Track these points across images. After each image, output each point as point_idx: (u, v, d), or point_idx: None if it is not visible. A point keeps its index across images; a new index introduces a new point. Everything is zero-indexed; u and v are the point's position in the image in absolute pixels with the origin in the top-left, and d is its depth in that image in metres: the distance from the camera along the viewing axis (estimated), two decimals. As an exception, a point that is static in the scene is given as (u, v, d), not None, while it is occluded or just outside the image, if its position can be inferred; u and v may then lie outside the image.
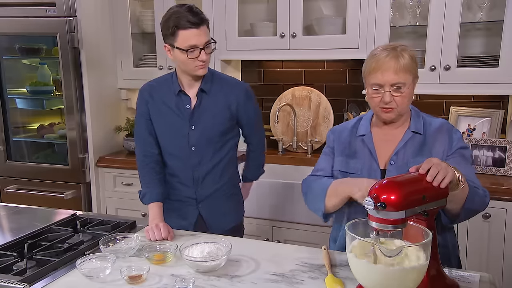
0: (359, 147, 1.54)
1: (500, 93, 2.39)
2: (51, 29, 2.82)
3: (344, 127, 1.64)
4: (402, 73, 1.39)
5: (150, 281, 1.34)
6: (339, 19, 2.66)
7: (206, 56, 1.70)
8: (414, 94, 1.50)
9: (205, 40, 1.68)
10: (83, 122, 2.95)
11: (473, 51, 2.57)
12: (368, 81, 1.46)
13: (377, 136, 1.54)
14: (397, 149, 1.49)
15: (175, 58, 1.72)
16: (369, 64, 1.45)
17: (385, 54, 1.41)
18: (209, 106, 1.80)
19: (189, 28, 1.64)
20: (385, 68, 1.40)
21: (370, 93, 1.46)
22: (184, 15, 1.64)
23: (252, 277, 1.36)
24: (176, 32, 1.65)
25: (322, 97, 2.93)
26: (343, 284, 1.29)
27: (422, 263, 1.10)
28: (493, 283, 1.28)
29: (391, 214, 1.11)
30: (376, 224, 1.13)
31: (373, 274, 1.11)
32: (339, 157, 1.57)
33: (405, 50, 1.43)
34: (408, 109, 1.51)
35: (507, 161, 2.34)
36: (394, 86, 1.41)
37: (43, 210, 2.04)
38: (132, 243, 1.54)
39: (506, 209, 2.16)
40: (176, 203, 1.91)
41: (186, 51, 1.66)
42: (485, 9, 2.43)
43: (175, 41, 1.67)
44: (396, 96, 1.42)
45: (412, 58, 1.44)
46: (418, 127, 1.50)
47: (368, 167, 1.50)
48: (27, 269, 1.38)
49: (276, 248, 1.60)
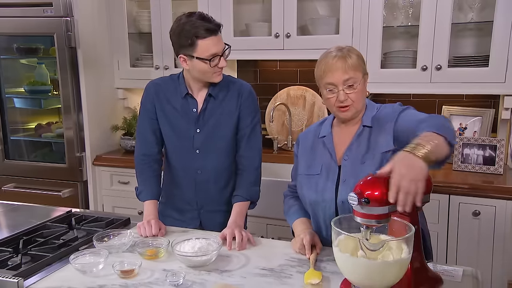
0: (320, 148, 1.60)
1: (490, 92, 2.43)
2: (48, 29, 2.85)
3: (309, 130, 1.71)
4: (351, 71, 1.46)
5: (142, 276, 1.37)
6: (332, 19, 2.69)
7: (225, 62, 1.70)
8: (368, 91, 1.57)
9: (223, 47, 1.69)
10: (80, 121, 2.98)
11: (465, 51, 2.60)
12: (322, 84, 1.52)
13: (336, 135, 1.59)
14: (350, 145, 1.53)
15: (193, 68, 1.70)
16: (319, 68, 1.52)
17: (333, 55, 1.49)
18: (215, 110, 1.80)
19: (208, 36, 1.63)
20: (335, 68, 1.47)
21: (325, 94, 1.52)
22: (199, 24, 1.63)
23: (241, 272, 1.39)
24: (196, 42, 1.63)
25: (316, 96, 2.96)
26: (321, 276, 1.32)
27: (404, 257, 1.14)
28: (475, 276, 1.32)
29: (374, 209, 1.15)
30: (361, 219, 1.17)
31: (357, 267, 1.15)
32: (302, 162, 1.65)
33: (351, 50, 1.51)
34: (363, 105, 1.56)
35: (497, 159, 2.37)
36: (346, 84, 1.47)
37: (39, 207, 2.07)
38: (125, 239, 1.57)
39: (495, 206, 2.19)
40: (176, 213, 1.90)
41: (208, 60, 1.65)
42: (476, 9, 2.46)
43: (194, 51, 1.65)
44: (350, 93, 1.48)
45: (359, 56, 1.51)
46: (368, 120, 1.54)
47: (327, 166, 1.55)
48: (21, 264, 1.41)
49: (267, 244, 1.63)
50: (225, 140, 1.82)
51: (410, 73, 2.50)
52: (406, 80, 2.50)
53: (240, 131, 1.83)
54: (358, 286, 1.20)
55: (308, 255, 1.45)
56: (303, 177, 1.62)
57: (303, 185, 1.61)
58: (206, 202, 1.87)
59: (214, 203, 1.87)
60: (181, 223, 1.85)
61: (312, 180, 1.57)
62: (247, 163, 1.84)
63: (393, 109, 1.53)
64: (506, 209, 2.17)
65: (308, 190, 1.57)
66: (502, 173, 2.37)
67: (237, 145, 1.85)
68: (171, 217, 1.88)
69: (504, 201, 2.17)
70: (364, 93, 1.54)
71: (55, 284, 1.32)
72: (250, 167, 1.84)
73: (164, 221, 1.77)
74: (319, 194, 1.53)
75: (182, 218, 1.89)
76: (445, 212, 2.28)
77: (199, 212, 1.88)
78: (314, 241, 1.50)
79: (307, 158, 1.63)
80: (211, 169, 1.83)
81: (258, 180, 1.87)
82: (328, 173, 1.54)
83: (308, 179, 1.59)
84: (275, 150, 3.00)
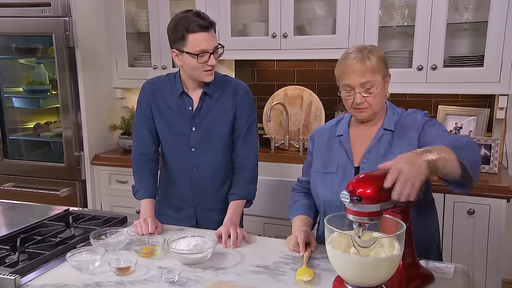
0: (336, 147, 1.60)
1: (485, 92, 2.45)
2: (46, 29, 2.86)
3: (324, 128, 1.70)
4: (369, 74, 1.44)
5: (138, 273, 1.38)
6: (329, 19, 2.71)
7: (215, 61, 1.70)
8: (388, 92, 1.54)
9: (214, 45, 1.69)
10: (78, 121, 2.99)
11: (461, 51, 2.62)
12: (340, 85, 1.52)
13: (354, 135, 1.59)
14: (369, 147, 1.53)
15: (183, 63, 1.72)
16: (338, 68, 1.51)
17: (352, 57, 1.47)
18: (211, 108, 1.81)
19: (199, 31, 1.65)
20: (352, 70, 1.46)
21: (343, 95, 1.52)
22: (193, 19, 1.65)
23: (236, 269, 1.41)
24: (186, 36, 1.65)
25: (313, 96, 2.98)
26: (313, 274, 1.34)
27: (396, 254, 1.15)
28: (467, 273, 1.33)
29: (366, 207, 1.16)
30: (353, 217, 1.18)
31: (349, 264, 1.16)
32: (317, 159, 1.64)
33: (372, 51, 1.48)
34: (382, 107, 1.55)
35: (492, 158, 2.39)
36: (363, 87, 1.46)
37: (37, 206, 2.09)
38: (122, 237, 1.59)
39: (489, 205, 2.21)
40: (172, 211, 1.91)
41: (196, 55, 1.66)
42: (471, 10, 2.47)
43: (184, 46, 1.67)
44: (367, 96, 1.47)
45: (380, 58, 1.48)
46: (391, 124, 1.54)
47: (343, 166, 1.55)
48: (19, 261, 1.42)
49: (262, 242, 1.64)
50: (221, 139, 1.83)
51: (406, 73, 2.51)
52: (402, 80, 2.51)
53: (236, 130, 1.84)
54: (350, 282, 1.22)
55: (302, 252, 1.47)
56: (318, 175, 1.60)
57: (318, 183, 1.60)
58: (202, 200, 1.88)
59: (210, 201, 1.88)
60: (177, 221, 1.86)
61: (328, 179, 1.56)
62: (244, 162, 1.85)
63: (419, 118, 1.51)
64: (500, 207, 2.19)
65: (324, 189, 1.57)
66: (497, 172, 2.38)
67: (234, 144, 1.86)
68: (167, 215, 1.90)
69: (499, 200, 2.19)
70: (383, 96, 1.51)
71: (52, 281, 1.34)
72: (247, 165, 1.86)
73: (160, 219, 1.78)
74: (334, 194, 1.52)
75: (178, 216, 1.90)
76: (440, 210, 2.29)
77: (195, 210, 1.89)
78: (309, 239, 1.52)
79: (323, 156, 1.62)
80: (207, 167, 1.84)
81: (255, 178, 1.88)
82: (345, 173, 1.53)
83: (323, 177, 1.58)
84: (272, 149, 3.02)
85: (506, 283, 2.68)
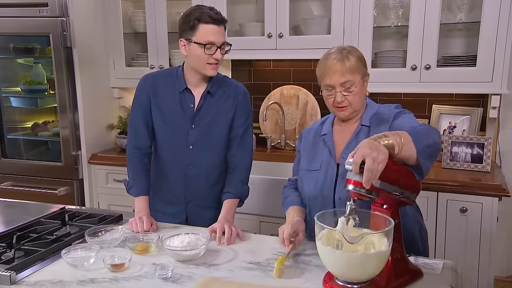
0: (320, 146, 1.65)
1: (478, 91, 2.47)
2: (44, 29, 2.88)
3: (311, 128, 1.75)
4: (348, 74, 1.50)
5: (131, 269, 1.41)
6: (324, 19, 2.73)
7: (220, 55, 1.73)
8: (368, 91, 1.60)
9: (223, 40, 1.72)
10: (76, 120, 3.01)
11: (454, 51, 2.64)
12: (321, 84, 1.57)
13: (336, 133, 1.64)
14: (348, 143, 1.58)
15: (189, 53, 1.74)
16: (320, 68, 1.56)
17: (332, 57, 1.53)
18: (212, 108, 1.83)
19: (210, 23, 1.68)
20: (333, 71, 1.51)
21: (325, 94, 1.57)
22: (206, 11, 1.69)
23: (229, 266, 1.43)
24: (197, 26, 1.68)
25: (309, 95, 3.00)
26: (284, 261, 1.39)
27: (384, 249, 1.17)
28: (455, 269, 1.35)
29: None
30: (353, 186, 1.20)
31: (338, 260, 1.19)
32: (304, 157, 1.70)
33: (351, 52, 1.53)
34: (362, 105, 1.60)
35: (485, 157, 2.41)
36: (343, 87, 1.51)
37: (34, 204, 2.10)
38: (117, 234, 1.61)
39: (482, 203, 2.23)
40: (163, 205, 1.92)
41: (204, 45, 1.69)
42: (464, 10, 2.50)
43: (193, 35, 1.70)
44: (347, 95, 1.52)
45: (359, 58, 1.53)
46: (367, 119, 1.58)
47: (326, 164, 1.60)
48: (14, 258, 1.44)
49: (255, 239, 1.67)
50: (219, 138, 1.85)
51: (400, 72, 2.54)
52: (396, 79, 2.54)
53: (233, 131, 1.87)
54: (340, 278, 1.24)
55: (287, 247, 1.50)
56: (304, 172, 1.67)
57: (303, 180, 1.66)
58: (194, 197, 1.90)
59: (202, 199, 1.90)
60: (168, 217, 1.88)
61: (312, 176, 1.62)
62: (239, 162, 1.88)
63: (390, 111, 1.57)
64: (492, 206, 2.22)
65: (308, 185, 1.62)
66: (490, 171, 2.41)
67: (229, 144, 1.88)
68: (160, 212, 1.91)
69: (491, 198, 2.21)
70: (363, 94, 1.57)
71: (47, 278, 1.36)
72: (241, 166, 1.88)
73: (153, 215, 1.80)
74: (318, 190, 1.58)
75: (169, 211, 1.91)
76: (433, 208, 2.32)
77: (186, 206, 1.91)
78: (298, 230, 1.54)
79: (308, 154, 1.68)
80: (202, 165, 1.86)
81: (248, 179, 1.91)
82: (327, 169, 1.58)
83: (308, 174, 1.64)
84: (268, 148, 3.04)
85: (498, 280, 2.71)
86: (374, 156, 1.16)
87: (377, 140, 1.23)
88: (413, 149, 1.26)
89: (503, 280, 2.77)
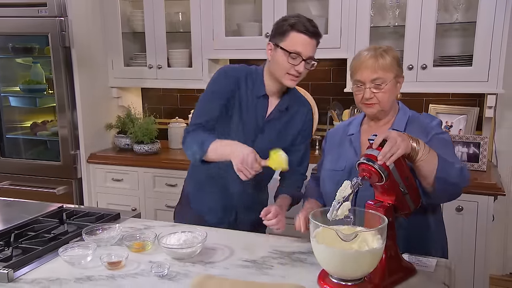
0: (346, 146, 1.64)
1: (474, 91, 2.49)
2: (43, 29, 2.90)
3: (338, 127, 1.75)
4: (380, 71, 1.48)
5: (128, 267, 1.42)
6: (322, 19, 2.74)
7: (303, 69, 1.65)
8: (400, 93, 1.58)
9: (310, 54, 1.65)
10: (74, 120, 3.03)
11: (450, 51, 2.66)
12: (352, 80, 1.56)
13: (364, 134, 1.62)
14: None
15: (273, 58, 1.68)
16: (352, 63, 1.56)
17: (365, 54, 1.52)
18: (282, 119, 1.80)
19: (302, 32, 1.62)
20: (364, 66, 1.50)
21: (354, 90, 1.56)
22: (303, 21, 1.63)
23: (225, 263, 1.44)
24: (289, 32, 1.62)
25: (307, 95, 3.01)
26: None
27: (377, 247, 1.19)
28: (448, 267, 1.37)
29: None
30: (367, 158, 1.27)
31: (332, 257, 1.20)
32: (328, 157, 1.69)
33: (387, 51, 1.52)
34: (391, 105, 1.57)
35: (481, 156, 2.42)
36: (373, 83, 1.49)
37: (32, 203, 2.11)
38: (114, 233, 1.62)
39: (477, 202, 2.24)
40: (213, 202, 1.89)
41: (289, 53, 1.62)
42: (461, 10, 2.51)
43: (282, 41, 1.64)
44: (376, 92, 1.50)
45: (394, 58, 1.52)
46: (400, 125, 1.56)
47: (351, 164, 1.57)
48: (12, 256, 1.45)
49: (252, 238, 1.68)
50: (283, 146, 1.72)
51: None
52: (393, 79, 2.55)
53: (295, 146, 1.84)
54: (334, 275, 1.25)
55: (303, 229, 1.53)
56: (327, 172, 1.65)
57: (326, 181, 1.64)
58: (246, 199, 1.87)
59: (252, 202, 1.88)
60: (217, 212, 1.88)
61: (335, 176, 1.59)
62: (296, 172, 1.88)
63: (430, 125, 1.54)
64: (488, 205, 2.23)
65: (330, 186, 1.59)
66: (485, 170, 2.42)
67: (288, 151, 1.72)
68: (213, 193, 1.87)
69: (486, 197, 2.23)
70: (393, 95, 1.54)
71: (44, 275, 1.37)
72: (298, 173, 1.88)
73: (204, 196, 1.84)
74: None
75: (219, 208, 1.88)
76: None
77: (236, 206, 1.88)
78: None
79: (333, 154, 1.67)
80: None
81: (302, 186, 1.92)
82: (351, 170, 1.56)
83: (332, 174, 1.62)
84: (266, 148, 3.05)
85: (494, 278, 2.72)
86: (397, 139, 1.25)
87: (409, 137, 1.30)
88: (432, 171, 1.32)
89: (498, 279, 2.78)
